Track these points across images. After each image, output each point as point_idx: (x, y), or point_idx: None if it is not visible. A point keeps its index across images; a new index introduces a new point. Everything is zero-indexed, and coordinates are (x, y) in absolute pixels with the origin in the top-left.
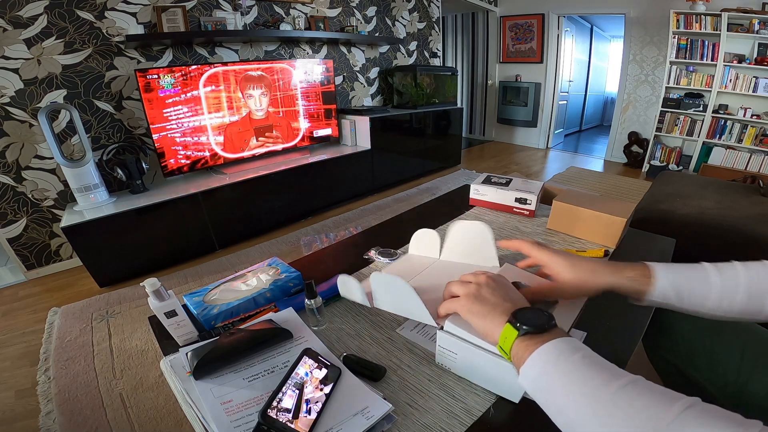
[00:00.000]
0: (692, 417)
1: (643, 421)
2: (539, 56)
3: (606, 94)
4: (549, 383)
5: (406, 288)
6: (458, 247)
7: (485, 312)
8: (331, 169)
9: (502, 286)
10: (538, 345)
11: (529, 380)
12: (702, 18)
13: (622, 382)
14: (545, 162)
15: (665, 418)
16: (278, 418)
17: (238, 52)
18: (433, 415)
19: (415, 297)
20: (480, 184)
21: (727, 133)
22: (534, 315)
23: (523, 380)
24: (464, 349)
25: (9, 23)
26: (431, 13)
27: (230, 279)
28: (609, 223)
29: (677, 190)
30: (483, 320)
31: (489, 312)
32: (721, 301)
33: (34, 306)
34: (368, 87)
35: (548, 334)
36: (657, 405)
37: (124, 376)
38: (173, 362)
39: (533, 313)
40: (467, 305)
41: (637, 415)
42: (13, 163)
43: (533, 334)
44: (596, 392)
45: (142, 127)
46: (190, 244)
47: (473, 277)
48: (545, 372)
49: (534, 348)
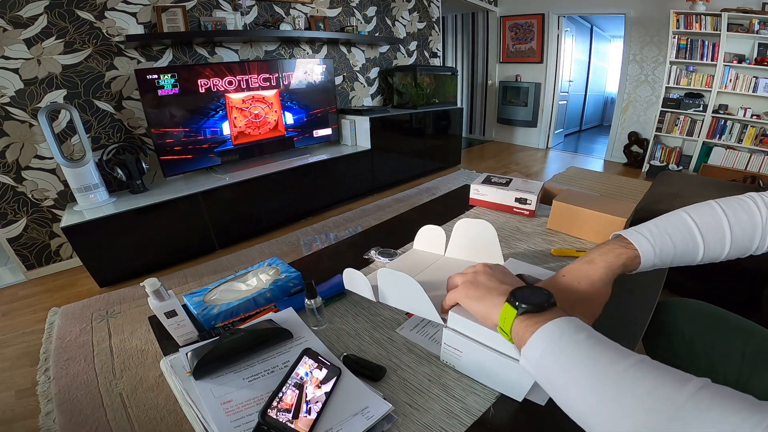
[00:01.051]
0: (705, 397)
1: (655, 402)
2: (539, 56)
3: (606, 94)
4: (553, 364)
5: (413, 285)
6: (463, 244)
7: (482, 294)
8: (331, 169)
9: (499, 271)
10: (539, 324)
11: (531, 362)
12: (702, 18)
13: (630, 362)
14: (545, 162)
15: (677, 399)
16: (278, 418)
17: (238, 52)
18: (433, 415)
19: (423, 294)
20: (480, 184)
21: (727, 133)
22: (533, 293)
23: (525, 362)
24: (469, 347)
25: (9, 23)
26: (431, 13)
27: (230, 279)
28: (609, 223)
29: (677, 190)
30: (481, 303)
31: (486, 294)
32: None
33: (34, 306)
34: (368, 87)
35: (549, 313)
36: (668, 385)
37: (124, 376)
38: (173, 362)
39: (532, 291)
40: (464, 291)
41: (647, 396)
42: (13, 163)
43: (533, 313)
44: (603, 373)
45: (142, 127)
46: (190, 244)
47: (471, 268)
48: (549, 352)
49: (535, 328)
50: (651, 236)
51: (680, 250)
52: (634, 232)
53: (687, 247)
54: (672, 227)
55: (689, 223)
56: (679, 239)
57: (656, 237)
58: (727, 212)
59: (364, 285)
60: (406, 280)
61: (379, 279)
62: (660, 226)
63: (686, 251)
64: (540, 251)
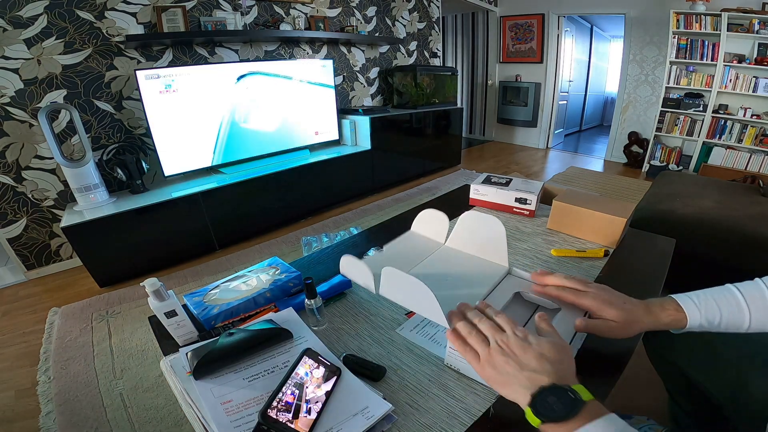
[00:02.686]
0: None
1: None
2: (539, 56)
3: (606, 94)
4: None
5: (423, 289)
6: (467, 237)
7: (501, 381)
8: (331, 169)
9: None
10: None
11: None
12: (702, 18)
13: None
14: (545, 162)
15: None
16: (278, 418)
17: (238, 52)
18: (433, 415)
19: (432, 298)
20: (480, 184)
21: (727, 133)
22: (555, 402)
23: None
24: None
25: (9, 23)
26: (431, 13)
27: (230, 279)
28: (609, 223)
29: (677, 190)
30: (502, 389)
31: (505, 383)
32: (755, 322)
33: (34, 306)
34: (368, 87)
35: (579, 418)
36: None
37: (124, 376)
38: (173, 362)
39: (554, 397)
40: (482, 372)
41: None
42: (13, 163)
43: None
44: None
45: (142, 127)
46: (190, 244)
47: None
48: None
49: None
50: (697, 299)
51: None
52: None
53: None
54: (717, 293)
55: (734, 291)
56: (724, 304)
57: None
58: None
59: (365, 275)
60: (416, 283)
61: (383, 275)
62: (707, 292)
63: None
64: (540, 251)
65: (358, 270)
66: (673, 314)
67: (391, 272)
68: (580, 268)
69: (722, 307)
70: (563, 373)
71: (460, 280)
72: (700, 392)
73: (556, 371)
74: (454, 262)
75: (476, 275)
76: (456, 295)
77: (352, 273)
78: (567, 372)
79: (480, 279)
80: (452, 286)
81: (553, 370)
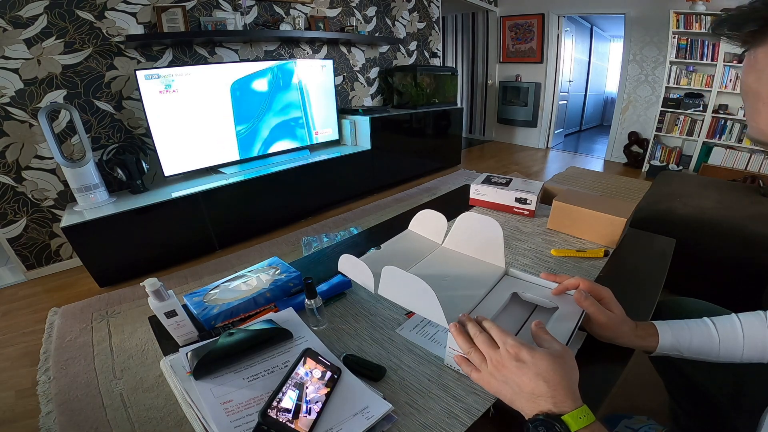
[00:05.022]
0: None
1: None
2: (539, 56)
3: (606, 94)
4: None
5: (425, 288)
6: (465, 239)
7: (504, 395)
8: (331, 169)
9: (509, 374)
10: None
11: None
12: (702, 18)
13: None
14: (545, 162)
15: None
16: (278, 418)
17: (238, 52)
18: (433, 415)
19: (433, 297)
20: (480, 184)
21: (727, 133)
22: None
23: None
24: None
25: (9, 23)
26: (431, 13)
27: (230, 279)
28: (609, 223)
29: (677, 190)
30: (506, 400)
31: (508, 399)
32: (725, 351)
33: (34, 306)
34: (368, 87)
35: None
36: None
37: (124, 376)
38: (173, 362)
39: (543, 429)
40: (481, 383)
41: None
42: (13, 163)
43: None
44: None
45: (142, 127)
46: (190, 244)
47: (484, 346)
48: None
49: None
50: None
51: (697, 338)
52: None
53: (703, 337)
54: (691, 322)
55: (707, 321)
56: (696, 330)
57: (674, 324)
58: (742, 320)
59: (364, 274)
60: (419, 283)
61: (383, 274)
62: (681, 321)
63: (703, 341)
64: (540, 251)
65: (358, 269)
66: (647, 333)
67: (391, 271)
68: (580, 268)
69: (694, 339)
70: (560, 396)
71: (457, 280)
72: (700, 392)
73: (552, 395)
74: (451, 262)
75: (474, 276)
76: (454, 296)
77: (351, 272)
78: (565, 391)
79: (478, 280)
80: (450, 286)
81: (550, 394)
